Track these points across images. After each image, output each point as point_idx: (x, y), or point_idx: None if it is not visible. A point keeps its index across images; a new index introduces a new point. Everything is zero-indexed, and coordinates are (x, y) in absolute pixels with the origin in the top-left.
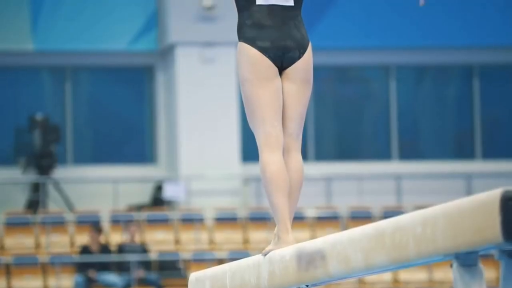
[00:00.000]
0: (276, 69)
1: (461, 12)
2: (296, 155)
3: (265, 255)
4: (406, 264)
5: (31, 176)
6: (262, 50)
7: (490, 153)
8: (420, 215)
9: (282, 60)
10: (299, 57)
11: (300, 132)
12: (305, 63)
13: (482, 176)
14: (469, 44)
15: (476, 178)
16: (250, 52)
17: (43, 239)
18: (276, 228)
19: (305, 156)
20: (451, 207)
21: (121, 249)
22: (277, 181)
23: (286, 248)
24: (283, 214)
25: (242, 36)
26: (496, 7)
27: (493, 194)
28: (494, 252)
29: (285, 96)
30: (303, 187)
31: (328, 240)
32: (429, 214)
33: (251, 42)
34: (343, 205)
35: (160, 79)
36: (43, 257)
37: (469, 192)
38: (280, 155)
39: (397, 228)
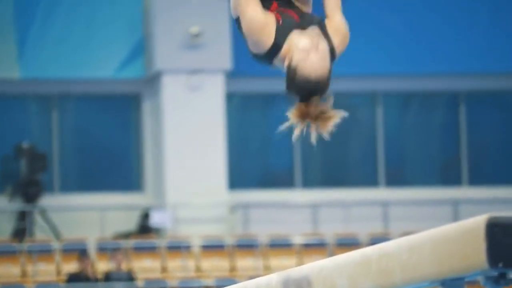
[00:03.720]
0: None
1: (447, 40)
2: None
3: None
4: None
5: (18, 205)
6: None
7: (477, 180)
8: (406, 242)
9: None
10: None
11: None
12: None
13: (469, 202)
14: (455, 71)
15: (463, 205)
16: None
17: (30, 268)
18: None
19: (291, 183)
20: (437, 234)
21: (108, 277)
22: None
23: (272, 275)
24: None
25: None
26: (482, 34)
27: (479, 220)
28: (480, 278)
29: None
30: (290, 214)
31: (314, 266)
32: (415, 241)
33: None
34: (330, 232)
35: (146, 107)
36: (29, 286)
37: (456, 218)
38: None
39: (383, 255)
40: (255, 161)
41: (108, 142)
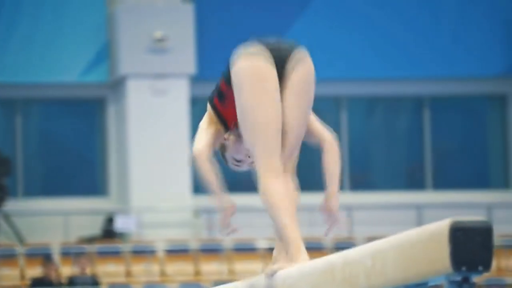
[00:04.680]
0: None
1: (411, 44)
2: (292, 177)
3: (273, 274)
4: None
5: None
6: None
7: (441, 184)
8: (370, 248)
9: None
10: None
11: (296, 150)
12: (305, 69)
13: (433, 206)
14: (419, 76)
15: (427, 209)
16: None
17: None
18: (275, 250)
19: (256, 188)
20: (401, 239)
21: (72, 281)
22: (284, 203)
23: (236, 282)
24: (294, 234)
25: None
26: (445, 39)
27: (442, 225)
28: (444, 282)
29: (284, 108)
30: (255, 218)
31: (278, 274)
32: (379, 247)
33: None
34: None
35: (111, 111)
36: None
37: (420, 222)
38: (281, 178)
39: (348, 262)
40: (219, 165)
41: (72, 146)
